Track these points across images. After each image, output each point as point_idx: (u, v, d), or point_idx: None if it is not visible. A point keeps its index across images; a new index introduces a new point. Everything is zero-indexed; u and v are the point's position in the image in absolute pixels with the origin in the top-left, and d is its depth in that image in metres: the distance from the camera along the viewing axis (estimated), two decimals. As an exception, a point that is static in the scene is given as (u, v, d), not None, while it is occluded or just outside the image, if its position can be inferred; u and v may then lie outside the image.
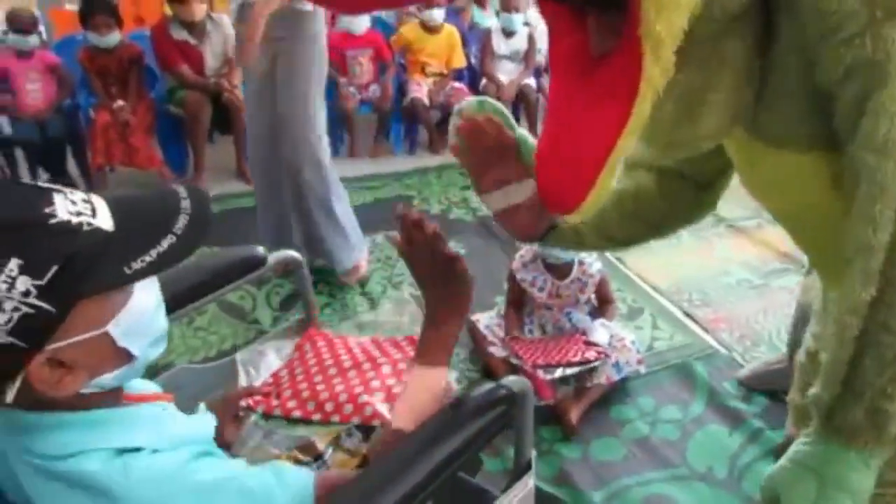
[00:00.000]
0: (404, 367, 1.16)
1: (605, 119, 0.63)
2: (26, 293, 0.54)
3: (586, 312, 2.04)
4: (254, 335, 2.12)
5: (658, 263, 2.65)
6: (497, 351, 1.95)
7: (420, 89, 3.65)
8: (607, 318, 2.03)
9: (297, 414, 1.12)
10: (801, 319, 1.77)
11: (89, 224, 0.59)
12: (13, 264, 0.54)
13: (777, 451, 1.31)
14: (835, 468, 0.67)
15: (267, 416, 1.14)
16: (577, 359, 1.85)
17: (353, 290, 2.44)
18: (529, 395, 0.90)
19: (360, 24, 3.57)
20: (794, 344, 1.86)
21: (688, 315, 2.35)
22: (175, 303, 0.97)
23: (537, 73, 3.93)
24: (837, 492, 0.66)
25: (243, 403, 1.13)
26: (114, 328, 0.62)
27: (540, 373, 1.83)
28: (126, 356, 0.65)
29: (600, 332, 1.95)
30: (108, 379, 0.65)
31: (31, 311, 0.55)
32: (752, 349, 2.16)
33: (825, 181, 0.69)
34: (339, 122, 3.66)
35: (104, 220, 0.61)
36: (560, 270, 1.99)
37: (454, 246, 2.70)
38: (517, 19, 3.80)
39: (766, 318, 2.30)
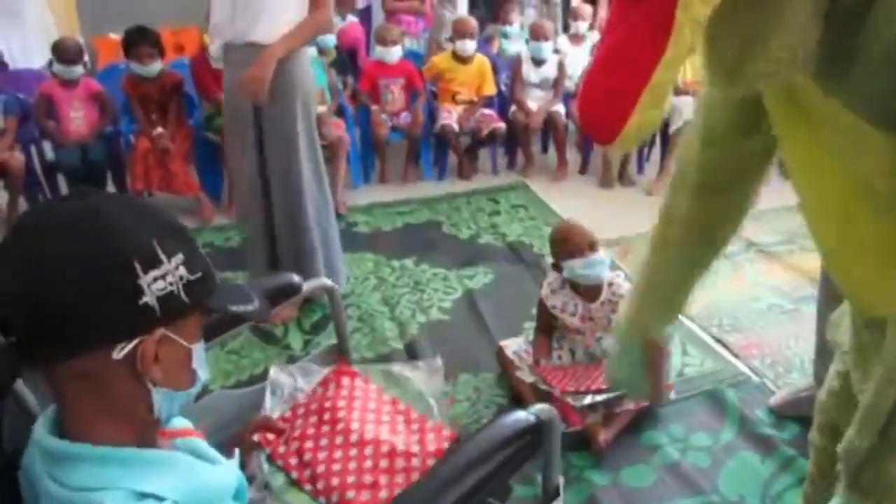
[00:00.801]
0: (410, 465, 1.19)
1: (647, 49, 0.62)
2: (181, 279, 0.67)
3: None
4: (286, 360, 2.17)
5: (687, 291, 2.65)
6: (525, 376, 1.96)
7: (450, 116, 3.72)
8: None
9: (293, 474, 1.19)
10: (822, 350, 1.78)
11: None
12: (180, 256, 0.68)
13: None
14: None
15: (271, 459, 1.21)
16: (606, 386, 1.86)
17: (381, 314, 2.47)
18: (556, 424, 0.92)
19: (393, 54, 3.66)
20: (818, 374, 1.86)
21: (718, 341, 2.34)
22: (212, 331, 1.03)
23: (566, 100, 3.97)
24: None
25: (256, 438, 1.20)
26: (196, 349, 0.72)
27: (569, 399, 1.83)
28: (191, 380, 0.73)
29: None
30: (167, 395, 0.70)
31: (177, 292, 0.67)
32: (784, 376, 2.14)
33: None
34: (372, 149, 3.74)
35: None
36: (589, 293, 1.99)
37: (483, 271, 2.76)
38: (546, 47, 3.85)
39: (797, 344, 2.27)
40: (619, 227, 3.07)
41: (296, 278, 1.16)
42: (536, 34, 3.84)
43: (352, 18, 4.51)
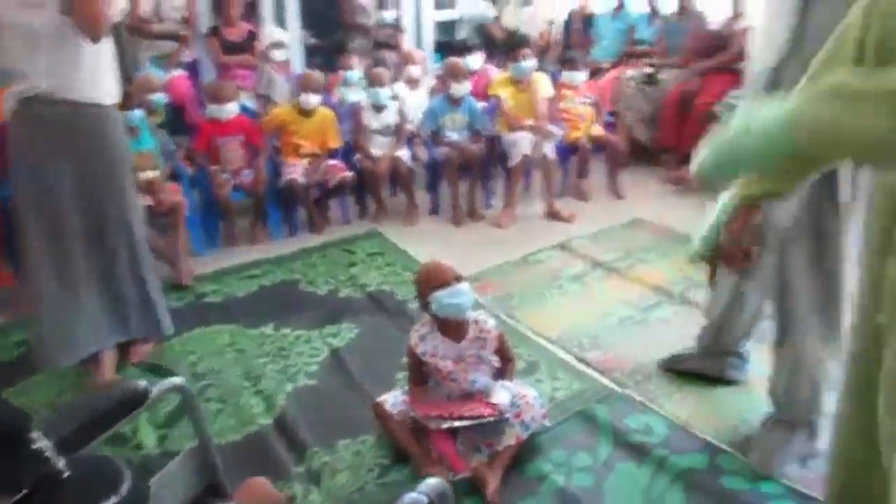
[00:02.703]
0: None
1: None
2: None
3: (490, 375, 2.05)
4: (139, 460, 1.98)
5: (548, 315, 2.76)
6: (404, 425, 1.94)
7: (296, 170, 3.64)
8: (507, 378, 2.07)
9: None
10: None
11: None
12: None
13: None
14: None
15: None
16: (469, 414, 1.88)
17: (245, 389, 2.33)
18: (448, 496, 0.90)
19: (229, 111, 3.54)
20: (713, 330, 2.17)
21: (581, 360, 2.44)
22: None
23: (409, 144, 4.04)
24: None
25: None
26: None
27: (431, 423, 1.87)
28: None
29: (501, 393, 1.97)
30: None
31: None
32: (644, 383, 2.28)
33: None
34: (214, 211, 3.56)
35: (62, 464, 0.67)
36: (457, 332, 2.00)
37: (347, 326, 2.69)
38: (384, 94, 3.90)
39: (651, 351, 2.42)
40: (476, 263, 3.14)
41: (141, 385, 1.05)
42: (374, 81, 3.89)
43: (178, 72, 4.32)
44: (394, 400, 1.99)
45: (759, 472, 1.85)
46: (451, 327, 1.99)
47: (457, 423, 1.88)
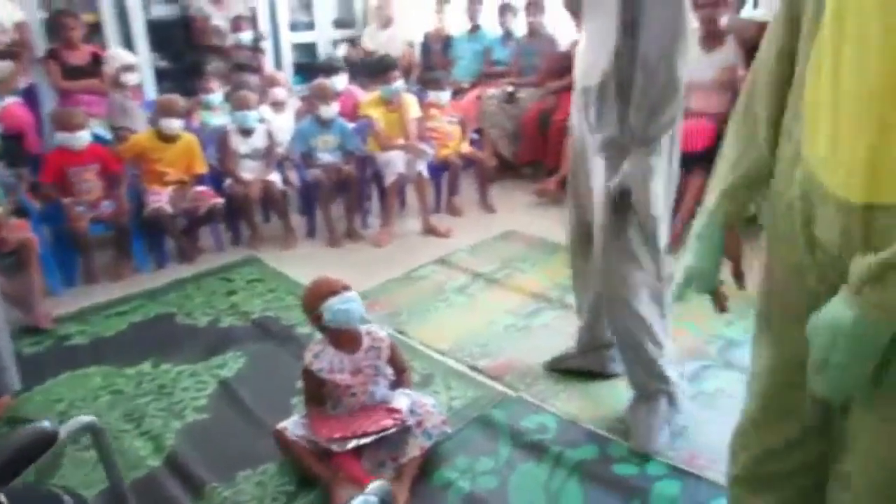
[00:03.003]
0: None
1: None
2: None
3: (388, 386, 2.07)
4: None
5: (437, 328, 2.81)
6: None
7: (161, 198, 3.45)
8: (406, 387, 2.10)
9: None
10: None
11: None
12: None
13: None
14: None
15: None
16: (373, 428, 1.89)
17: (127, 433, 2.17)
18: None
19: (81, 139, 3.29)
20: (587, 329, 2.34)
21: (473, 368, 2.51)
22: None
23: (279, 168, 3.96)
24: None
25: None
26: None
27: (334, 446, 1.86)
28: None
29: (401, 398, 2.01)
30: None
31: None
32: (534, 384, 2.39)
33: None
34: (69, 247, 3.29)
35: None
36: (351, 344, 2.01)
37: (233, 356, 2.59)
38: (252, 117, 3.81)
39: (537, 354, 2.54)
40: (360, 282, 3.11)
41: (47, 424, 0.97)
42: (240, 104, 3.79)
43: (13, 99, 3.96)
44: (294, 426, 1.95)
45: (640, 452, 2.00)
46: (345, 340, 2.00)
47: (362, 441, 1.88)
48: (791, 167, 1.01)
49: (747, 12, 3.39)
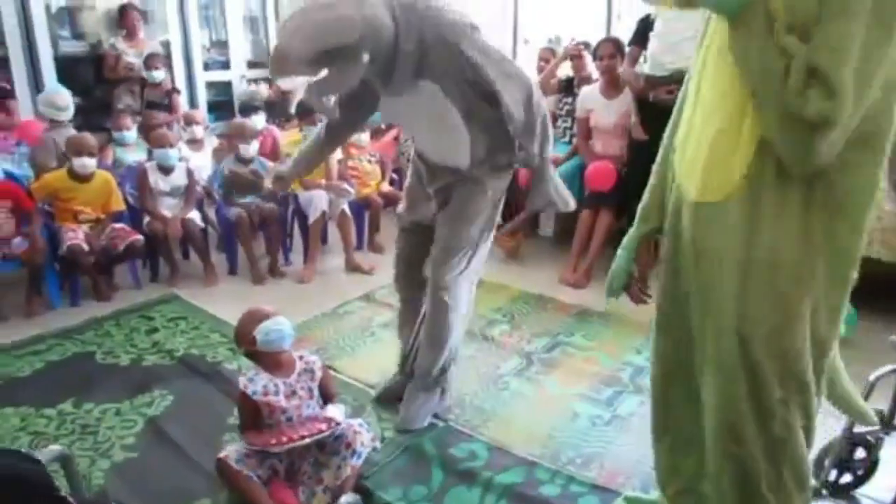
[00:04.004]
0: None
1: None
2: None
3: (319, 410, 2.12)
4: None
5: (364, 363, 2.89)
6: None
7: (76, 235, 3.36)
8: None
9: None
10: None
11: None
12: None
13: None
14: None
15: None
16: (308, 432, 1.95)
17: (56, 472, 2.10)
18: None
19: (-10, 175, 3.19)
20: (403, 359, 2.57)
21: (402, 399, 2.60)
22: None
23: (200, 207, 3.95)
24: None
25: None
26: None
27: (273, 450, 1.92)
28: None
29: (333, 409, 2.08)
30: None
31: None
32: (462, 414, 2.49)
33: None
34: (-25, 286, 3.15)
35: None
36: (283, 368, 2.06)
37: (159, 394, 2.56)
38: (173, 154, 3.80)
39: (463, 386, 2.65)
40: (287, 319, 3.16)
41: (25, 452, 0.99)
42: (160, 142, 3.77)
43: None
44: (237, 455, 1.97)
45: (404, 428, 2.35)
46: (278, 363, 2.05)
47: (298, 443, 1.93)
48: (671, 175, 1.47)
49: (639, 67, 3.76)
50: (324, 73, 1.88)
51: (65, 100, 3.93)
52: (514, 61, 2.09)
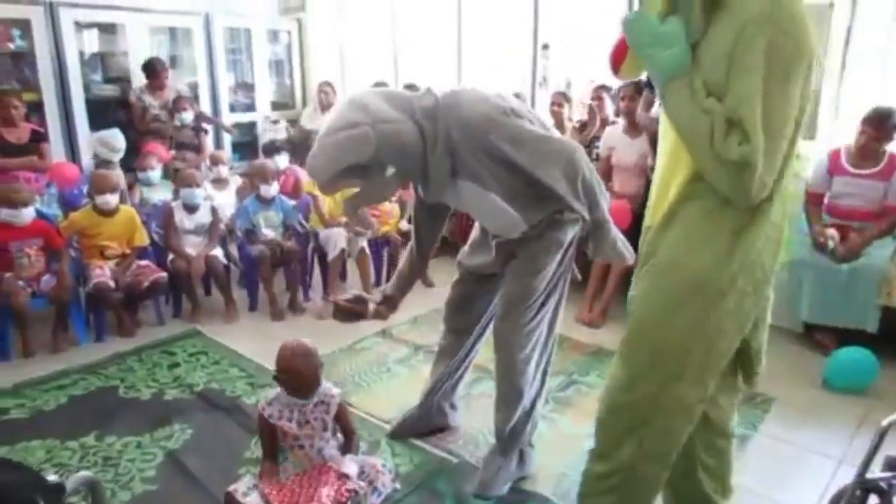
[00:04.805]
0: None
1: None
2: None
3: (335, 447, 2.16)
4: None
5: (380, 398, 2.93)
6: None
7: (103, 272, 3.47)
8: (353, 452, 2.18)
9: None
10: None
11: None
12: None
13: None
14: None
15: None
16: (329, 500, 1.96)
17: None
18: None
19: (25, 215, 3.32)
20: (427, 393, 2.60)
21: (417, 436, 2.62)
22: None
23: (223, 244, 4.05)
24: None
25: None
26: None
27: None
28: None
29: (350, 465, 2.09)
30: None
31: None
32: (476, 451, 2.51)
33: None
34: (6, 321, 3.25)
35: None
36: (305, 393, 2.09)
37: (179, 428, 2.62)
38: (199, 193, 3.92)
39: (477, 422, 2.69)
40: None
41: (54, 478, 1.05)
42: (187, 182, 3.90)
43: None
44: (245, 487, 2.00)
45: (481, 494, 2.24)
46: (299, 386, 2.08)
47: None
48: None
49: (655, 110, 3.84)
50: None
51: (120, 142, 4.28)
52: (549, 134, 2.01)
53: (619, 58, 1.59)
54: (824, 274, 3.32)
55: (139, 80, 5.24)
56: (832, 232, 3.38)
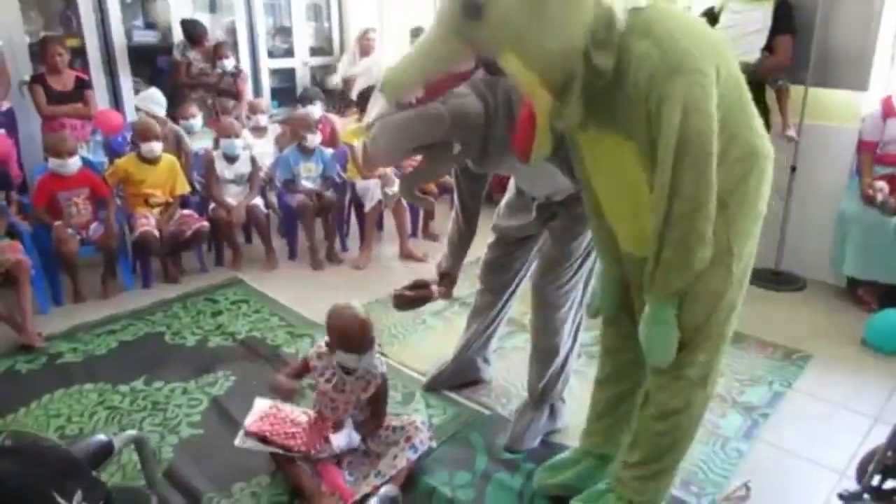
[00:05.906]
0: None
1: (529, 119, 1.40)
2: None
3: (352, 427, 2.16)
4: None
5: (414, 350, 2.98)
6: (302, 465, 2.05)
7: (148, 221, 3.57)
8: (364, 433, 2.17)
9: None
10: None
11: None
12: (79, 493, 0.78)
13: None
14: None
15: None
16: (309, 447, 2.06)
17: (128, 447, 2.27)
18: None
19: (72, 165, 3.41)
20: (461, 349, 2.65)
21: (451, 388, 2.68)
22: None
23: (263, 193, 4.11)
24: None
25: None
26: None
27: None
28: None
29: (340, 436, 2.12)
30: None
31: None
32: (508, 405, 2.56)
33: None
34: (58, 268, 3.38)
35: None
36: (356, 351, 2.09)
37: (223, 375, 2.72)
38: (238, 144, 3.96)
39: (510, 376, 2.73)
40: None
41: (104, 437, 1.11)
42: (227, 132, 3.93)
43: (-4, 127, 4.00)
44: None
45: (511, 447, 2.28)
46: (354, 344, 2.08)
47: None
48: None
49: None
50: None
51: (163, 97, 4.29)
52: None
53: (525, 142, 1.42)
54: (871, 227, 3.22)
55: (178, 26, 5.24)
56: (881, 184, 3.25)
